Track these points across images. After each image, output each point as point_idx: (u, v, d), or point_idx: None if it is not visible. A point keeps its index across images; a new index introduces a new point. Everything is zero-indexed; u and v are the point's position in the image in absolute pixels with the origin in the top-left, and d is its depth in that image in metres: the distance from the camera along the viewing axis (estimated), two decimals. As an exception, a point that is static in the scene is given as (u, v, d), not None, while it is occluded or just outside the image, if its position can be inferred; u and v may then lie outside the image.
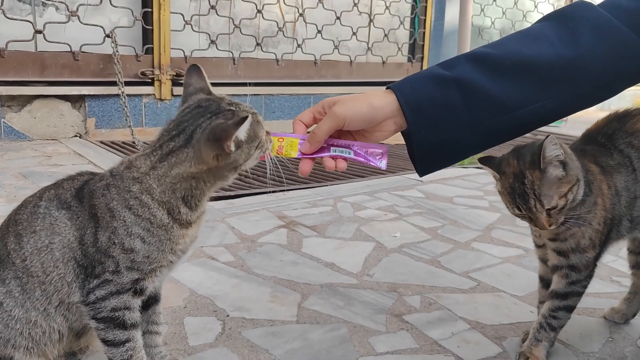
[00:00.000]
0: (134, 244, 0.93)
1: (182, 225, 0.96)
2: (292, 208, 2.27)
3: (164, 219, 0.94)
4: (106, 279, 0.94)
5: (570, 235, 1.14)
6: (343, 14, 4.49)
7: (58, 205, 0.96)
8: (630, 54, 0.98)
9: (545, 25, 1.02)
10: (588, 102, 1.04)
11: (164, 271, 0.99)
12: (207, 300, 1.46)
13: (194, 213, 0.97)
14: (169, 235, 0.95)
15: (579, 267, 1.16)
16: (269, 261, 1.73)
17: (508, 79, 0.98)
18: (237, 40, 4.07)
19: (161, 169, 0.93)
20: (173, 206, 0.94)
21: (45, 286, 0.95)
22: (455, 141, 1.02)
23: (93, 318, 0.95)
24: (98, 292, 0.94)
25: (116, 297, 0.95)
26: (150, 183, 0.93)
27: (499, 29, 5.73)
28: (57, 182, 1.03)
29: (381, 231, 2.05)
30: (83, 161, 2.88)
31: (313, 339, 1.30)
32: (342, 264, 1.74)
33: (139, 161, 0.95)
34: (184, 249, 1.00)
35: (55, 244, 0.94)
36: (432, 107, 0.98)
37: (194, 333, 1.30)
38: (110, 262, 0.93)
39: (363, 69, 4.69)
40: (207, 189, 0.97)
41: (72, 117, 3.42)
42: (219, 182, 0.97)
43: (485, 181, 2.92)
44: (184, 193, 0.95)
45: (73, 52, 3.33)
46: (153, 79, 3.60)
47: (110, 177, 0.96)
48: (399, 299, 1.52)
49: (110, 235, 0.93)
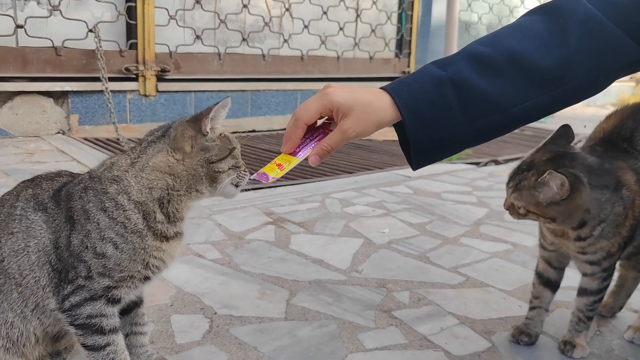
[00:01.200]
0: (106, 248, 0.92)
1: (156, 237, 0.95)
2: (279, 205, 2.25)
3: (139, 223, 0.93)
4: (79, 285, 0.93)
5: (599, 249, 1.17)
6: (330, 9, 4.47)
7: (35, 207, 0.95)
8: (614, 49, 1.00)
9: (537, 20, 1.03)
10: (578, 97, 1.05)
11: (139, 284, 0.97)
12: (194, 297, 1.44)
13: (171, 227, 0.96)
14: (143, 245, 0.93)
15: (609, 269, 1.21)
16: (257, 258, 1.71)
17: (502, 78, 1.00)
18: (222, 35, 4.03)
19: (139, 163, 0.95)
20: (149, 209, 0.94)
21: (21, 288, 0.94)
22: (451, 138, 1.03)
23: (71, 325, 0.94)
24: (72, 298, 0.93)
25: (90, 304, 0.93)
26: (128, 180, 0.94)
27: (485, 24, 5.75)
28: (36, 179, 1.01)
29: (369, 227, 2.04)
30: (66, 158, 2.83)
31: (302, 335, 1.29)
32: (330, 260, 1.72)
33: (121, 160, 0.97)
34: (159, 266, 0.98)
35: (31, 247, 0.93)
36: (429, 108, 1.00)
37: (181, 331, 1.28)
38: (82, 266, 0.92)
39: (350, 65, 4.67)
40: (183, 194, 0.96)
41: (55, 114, 3.36)
42: (194, 184, 0.96)
43: (473, 176, 2.93)
44: (160, 193, 0.94)
45: (55, 48, 3.27)
46: (137, 75, 3.55)
47: (89, 179, 0.96)
48: (388, 295, 1.51)
49: (83, 239, 0.92)
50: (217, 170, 0.97)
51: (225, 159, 0.98)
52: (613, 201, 1.14)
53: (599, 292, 1.24)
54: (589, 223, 1.14)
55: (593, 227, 1.15)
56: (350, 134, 0.97)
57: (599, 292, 1.24)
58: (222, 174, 0.97)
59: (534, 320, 1.30)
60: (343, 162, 3.17)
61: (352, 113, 0.97)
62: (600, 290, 1.24)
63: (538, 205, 1.12)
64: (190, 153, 0.95)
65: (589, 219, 1.14)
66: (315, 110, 0.98)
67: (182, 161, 0.95)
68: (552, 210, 1.12)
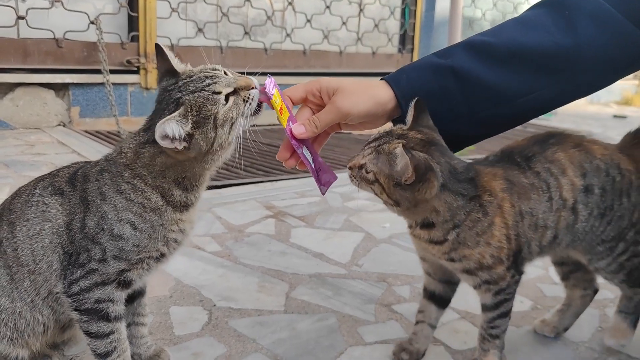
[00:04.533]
0: (124, 230, 0.90)
1: (175, 208, 0.93)
2: (280, 198, 2.24)
3: (158, 201, 0.92)
4: (91, 269, 0.91)
5: (463, 257, 1.04)
6: (333, 4, 4.45)
7: (52, 191, 0.94)
8: (628, 44, 0.97)
9: (541, 13, 1.01)
10: (585, 91, 1.03)
11: (152, 265, 0.96)
12: (193, 289, 1.43)
13: (190, 194, 0.95)
14: (162, 220, 0.92)
15: (494, 281, 1.07)
16: (257, 251, 1.70)
17: (506, 67, 0.97)
18: (224, 28, 4.01)
19: (144, 158, 0.92)
20: (165, 190, 0.92)
21: (34, 276, 0.93)
22: (453, 132, 1.00)
23: (76, 309, 0.93)
24: (82, 282, 0.91)
25: (101, 289, 0.92)
26: (140, 170, 0.92)
27: (489, 20, 5.72)
28: (53, 171, 1.01)
29: (370, 222, 2.03)
30: (67, 150, 2.83)
31: (301, 328, 1.28)
32: (331, 254, 1.72)
33: (126, 147, 0.94)
34: (178, 239, 0.96)
35: (46, 231, 0.92)
36: (429, 98, 0.97)
37: (180, 323, 1.27)
38: (97, 249, 0.90)
39: (353, 60, 4.65)
40: (199, 172, 0.94)
41: (56, 106, 3.35)
42: (207, 165, 0.93)
43: (475, 172, 2.91)
44: (174, 176, 0.92)
45: (56, 39, 3.26)
46: (139, 68, 3.54)
47: (105, 162, 0.95)
48: (388, 289, 1.51)
49: (99, 221, 0.90)
50: (221, 142, 0.90)
51: (216, 136, 0.89)
52: (469, 208, 1.01)
53: (496, 307, 1.09)
54: (439, 226, 1.02)
55: (446, 230, 1.02)
56: (342, 107, 0.94)
57: (495, 308, 1.09)
58: (228, 140, 0.90)
59: (417, 335, 1.19)
60: (345, 156, 3.16)
61: (341, 88, 0.95)
62: (497, 306, 1.09)
63: (388, 178, 0.98)
64: (186, 159, 0.91)
65: (437, 221, 1.02)
66: (302, 88, 0.97)
67: (184, 163, 0.91)
68: (398, 192, 0.99)
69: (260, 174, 2.69)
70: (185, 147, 0.88)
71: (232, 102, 0.91)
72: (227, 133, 0.90)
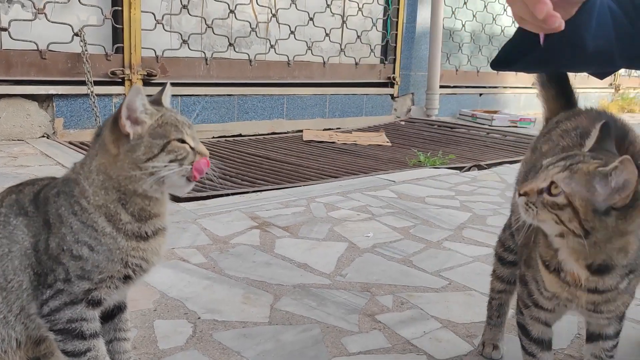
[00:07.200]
0: (82, 251, 0.91)
1: (129, 237, 0.93)
2: (264, 209, 2.26)
3: (105, 226, 0.91)
4: (58, 289, 0.92)
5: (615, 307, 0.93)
6: (316, 15, 4.49)
7: (17, 211, 0.95)
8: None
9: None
10: None
11: (120, 285, 0.96)
12: (177, 302, 1.44)
13: (144, 225, 0.94)
14: (117, 245, 0.92)
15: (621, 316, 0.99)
16: (242, 262, 1.72)
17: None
18: (209, 40, 4.03)
19: (87, 165, 0.94)
20: (111, 211, 0.92)
21: (6, 293, 0.94)
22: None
23: (51, 330, 0.94)
24: (52, 303, 0.92)
25: (70, 308, 0.93)
26: (83, 184, 0.93)
27: (469, 31, 5.82)
28: (20, 185, 1.01)
29: (354, 231, 2.05)
30: (50, 162, 2.81)
31: (285, 340, 1.29)
32: (315, 265, 1.73)
33: (79, 162, 0.96)
34: (142, 265, 0.96)
35: (14, 252, 0.93)
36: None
37: (164, 336, 1.28)
38: (60, 269, 0.91)
39: (336, 70, 4.69)
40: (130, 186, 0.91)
41: (39, 117, 3.33)
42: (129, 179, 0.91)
43: (457, 181, 2.96)
44: (116, 194, 0.92)
45: (40, 51, 3.25)
46: (123, 79, 3.54)
47: (61, 182, 0.96)
48: (372, 299, 1.53)
49: (59, 242, 0.91)
50: (152, 171, 0.90)
51: (157, 156, 0.89)
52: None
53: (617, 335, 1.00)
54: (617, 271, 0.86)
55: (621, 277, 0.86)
56: None
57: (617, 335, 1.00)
58: (160, 170, 0.90)
59: None
60: (328, 167, 3.18)
61: None
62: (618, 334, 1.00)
63: (587, 202, 0.82)
64: (118, 155, 0.91)
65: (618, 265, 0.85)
66: None
67: (115, 163, 0.91)
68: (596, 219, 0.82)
69: (245, 184, 2.71)
70: (128, 136, 0.89)
71: (186, 149, 0.92)
72: (163, 164, 0.90)
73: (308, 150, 3.72)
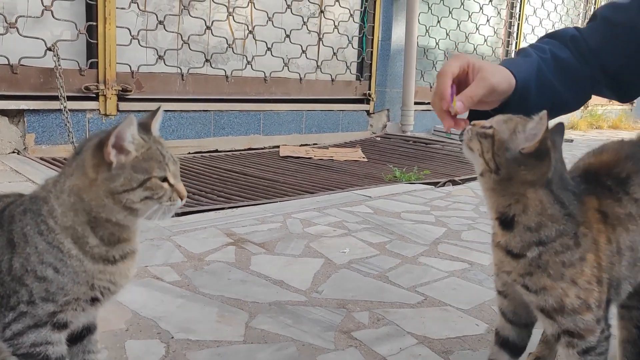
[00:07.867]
0: (46, 272, 0.88)
1: (96, 261, 0.91)
2: (240, 225, 2.24)
3: (71, 248, 0.89)
4: (22, 311, 0.89)
5: (541, 288, 0.91)
6: (292, 32, 4.52)
7: None
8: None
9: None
10: None
11: (87, 307, 0.93)
12: (150, 322, 1.41)
13: (113, 250, 0.92)
14: (84, 268, 0.90)
15: (579, 334, 0.90)
16: (217, 280, 1.70)
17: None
18: (185, 56, 4.02)
19: (59, 184, 0.91)
20: (79, 234, 0.89)
21: None
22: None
23: (14, 354, 0.91)
24: (14, 326, 0.89)
25: (34, 332, 0.90)
26: (52, 203, 0.90)
27: (443, 49, 5.93)
28: None
29: (330, 247, 2.05)
30: (21, 178, 2.75)
31: (261, 359, 1.28)
32: (291, 281, 1.72)
33: (50, 179, 0.93)
34: (110, 287, 0.94)
35: None
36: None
37: (136, 357, 1.25)
38: (24, 291, 0.89)
39: (312, 87, 4.72)
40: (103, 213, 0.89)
41: (10, 133, 3.27)
42: (105, 207, 0.88)
43: (432, 196, 2.98)
44: (86, 217, 0.89)
45: (11, 65, 3.20)
46: (98, 94, 3.50)
47: (29, 200, 0.93)
48: (348, 316, 1.52)
49: (23, 262, 0.89)
50: (126, 203, 0.87)
51: (134, 190, 0.87)
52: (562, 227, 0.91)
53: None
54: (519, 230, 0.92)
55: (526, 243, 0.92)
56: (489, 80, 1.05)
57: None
58: (135, 204, 0.88)
59: None
60: (305, 182, 3.19)
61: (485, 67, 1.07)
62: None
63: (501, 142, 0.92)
64: (95, 180, 0.88)
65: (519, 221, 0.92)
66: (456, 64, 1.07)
67: (90, 188, 0.88)
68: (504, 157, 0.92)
69: (221, 200, 2.69)
70: (110, 164, 0.87)
71: (164, 188, 0.90)
72: (139, 199, 0.88)
73: (285, 166, 3.72)
